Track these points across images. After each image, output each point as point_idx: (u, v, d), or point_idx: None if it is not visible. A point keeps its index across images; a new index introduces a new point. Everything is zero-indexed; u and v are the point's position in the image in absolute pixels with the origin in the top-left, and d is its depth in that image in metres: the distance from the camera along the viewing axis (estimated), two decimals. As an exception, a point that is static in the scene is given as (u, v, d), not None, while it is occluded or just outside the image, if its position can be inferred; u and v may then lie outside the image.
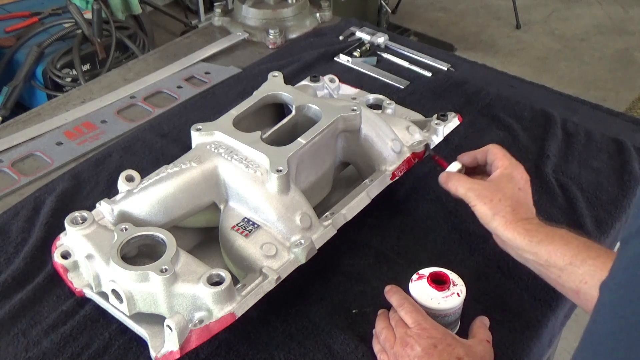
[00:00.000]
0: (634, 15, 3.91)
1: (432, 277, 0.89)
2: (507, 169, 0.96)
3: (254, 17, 1.67)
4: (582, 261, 0.84)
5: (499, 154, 0.99)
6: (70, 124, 1.34)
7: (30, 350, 0.89)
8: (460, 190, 0.96)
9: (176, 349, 0.81)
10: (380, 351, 0.87)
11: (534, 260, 0.90)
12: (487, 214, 0.92)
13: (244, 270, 0.91)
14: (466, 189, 0.96)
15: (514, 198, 0.93)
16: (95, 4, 2.38)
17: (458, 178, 0.98)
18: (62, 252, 0.94)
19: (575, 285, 0.85)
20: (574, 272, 0.85)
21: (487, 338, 0.87)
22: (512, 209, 0.91)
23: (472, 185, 0.96)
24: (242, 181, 0.95)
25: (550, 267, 0.88)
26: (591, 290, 0.83)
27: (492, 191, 0.94)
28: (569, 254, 0.86)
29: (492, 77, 1.50)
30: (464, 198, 0.96)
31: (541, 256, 0.88)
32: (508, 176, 0.96)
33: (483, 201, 0.93)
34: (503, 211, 0.91)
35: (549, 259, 0.87)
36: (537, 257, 0.89)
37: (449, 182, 0.99)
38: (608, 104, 1.47)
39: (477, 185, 0.96)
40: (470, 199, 0.94)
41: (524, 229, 0.90)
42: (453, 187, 0.98)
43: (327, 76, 1.31)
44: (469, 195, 0.95)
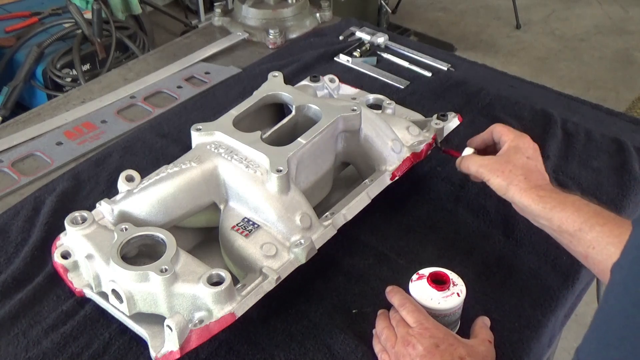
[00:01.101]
0: (634, 15, 3.91)
1: (432, 277, 0.89)
2: (513, 141, 1.01)
3: (254, 17, 1.67)
4: (591, 227, 0.88)
5: (503, 130, 1.04)
6: (70, 124, 1.34)
7: (30, 350, 0.89)
8: (472, 168, 1.02)
9: (176, 349, 0.81)
10: (381, 351, 0.87)
11: (548, 225, 0.93)
12: (502, 184, 0.97)
13: (244, 270, 0.91)
14: (478, 166, 1.01)
15: (525, 167, 0.98)
16: (95, 4, 2.38)
17: (470, 158, 1.04)
18: (62, 252, 0.94)
19: (584, 250, 0.89)
20: (583, 238, 0.89)
21: (489, 338, 0.87)
22: (525, 177, 0.96)
23: (483, 162, 1.01)
24: (242, 181, 0.95)
25: (562, 232, 0.91)
26: (598, 255, 0.87)
27: (502, 163, 0.99)
28: (579, 220, 0.89)
29: (492, 77, 1.50)
30: (478, 175, 1.01)
31: (554, 222, 0.92)
32: (515, 148, 1.00)
33: (496, 174, 0.98)
34: (516, 180, 0.96)
35: (561, 225, 0.91)
36: (550, 223, 0.93)
37: (462, 163, 1.04)
38: (608, 104, 1.47)
39: (487, 160, 1.01)
40: (484, 174, 0.99)
41: (538, 195, 0.94)
42: (466, 166, 1.03)
43: (327, 76, 1.30)
44: (481, 171, 1.00)
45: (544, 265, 1.02)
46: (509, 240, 1.06)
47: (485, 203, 1.12)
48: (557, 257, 1.03)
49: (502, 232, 1.07)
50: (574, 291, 1.01)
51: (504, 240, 1.06)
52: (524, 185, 0.95)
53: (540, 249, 1.04)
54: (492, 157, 1.02)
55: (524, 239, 1.06)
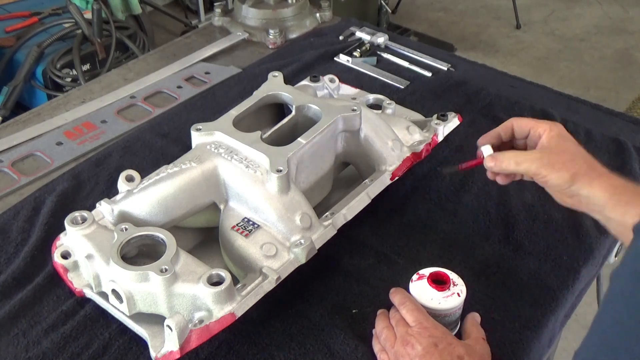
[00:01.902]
0: (634, 15, 3.91)
1: (432, 277, 0.89)
2: (552, 130, 0.88)
3: (254, 17, 1.67)
4: None
5: (530, 122, 0.90)
6: (70, 124, 1.34)
7: (30, 350, 0.89)
8: (524, 166, 0.86)
9: (176, 349, 0.81)
10: (380, 351, 0.87)
11: (618, 220, 0.82)
12: (565, 178, 0.83)
13: (244, 270, 0.91)
14: (530, 162, 0.85)
15: (582, 154, 0.86)
16: (95, 4, 2.38)
17: (512, 155, 0.88)
18: (62, 252, 0.94)
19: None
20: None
21: (482, 336, 0.87)
22: (588, 165, 0.84)
23: (531, 156, 0.86)
24: (242, 181, 0.95)
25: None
26: None
27: (557, 154, 0.85)
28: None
29: (492, 77, 1.50)
30: (530, 172, 0.86)
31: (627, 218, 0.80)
32: (559, 136, 0.87)
33: (555, 167, 0.84)
34: (581, 169, 0.84)
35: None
36: (622, 218, 0.81)
37: (499, 161, 0.88)
38: (608, 104, 1.47)
39: (538, 154, 0.86)
40: (540, 170, 0.85)
41: (610, 184, 0.82)
42: (509, 165, 0.87)
43: (327, 76, 1.30)
44: (535, 168, 0.85)
45: (544, 265, 1.02)
46: (509, 240, 1.06)
47: (486, 203, 1.12)
48: (557, 257, 1.03)
49: (502, 232, 1.07)
50: (574, 291, 1.01)
51: (504, 240, 1.06)
52: (591, 173, 0.83)
53: (540, 249, 1.04)
54: (538, 150, 0.87)
55: (523, 239, 1.06)
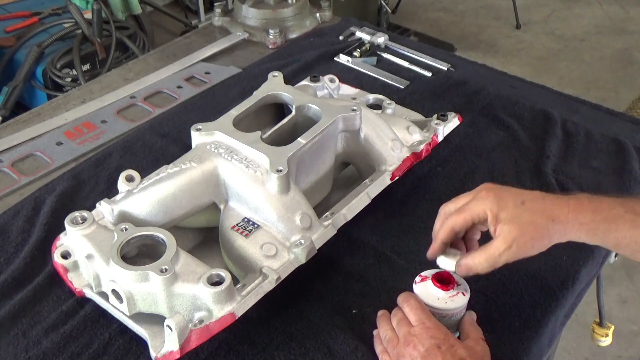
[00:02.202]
0: (634, 15, 3.91)
1: (436, 277, 0.89)
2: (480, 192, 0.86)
3: (254, 17, 1.67)
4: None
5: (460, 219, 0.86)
6: (70, 124, 1.34)
7: (30, 350, 0.89)
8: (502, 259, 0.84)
9: (176, 349, 0.81)
10: (382, 352, 0.87)
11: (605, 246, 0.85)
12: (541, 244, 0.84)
13: (244, 270, 0.91)
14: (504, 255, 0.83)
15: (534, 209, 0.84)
16: (95, 4, 2.38)
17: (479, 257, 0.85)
18: (62, 252, 0.94)
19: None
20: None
21: (481, 335, 0.87)
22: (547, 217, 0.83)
23: (500, 249, 0.83)
24: (242, 181, 0.95)
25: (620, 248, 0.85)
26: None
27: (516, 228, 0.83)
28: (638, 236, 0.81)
29: (492, 77, 1.50)
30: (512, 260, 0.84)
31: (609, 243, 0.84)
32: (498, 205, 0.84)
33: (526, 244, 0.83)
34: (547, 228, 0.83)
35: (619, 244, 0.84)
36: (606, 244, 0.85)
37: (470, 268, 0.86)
38: (608, 104, 1.47)
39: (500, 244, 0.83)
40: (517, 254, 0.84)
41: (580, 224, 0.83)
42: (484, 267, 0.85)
43: (327, 76, 1.30)
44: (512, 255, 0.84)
45: (544, 265, 1.02)
46: (509, 240, 1.06)
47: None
48: (557, 257, 1.03)
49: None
50: (574, 291, 1.01)
51: (504, 240, 1.06)
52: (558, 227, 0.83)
53: (540, 249, 1.04)
54: (494, 241, 0.84)
55: (524, 239, 1.06)
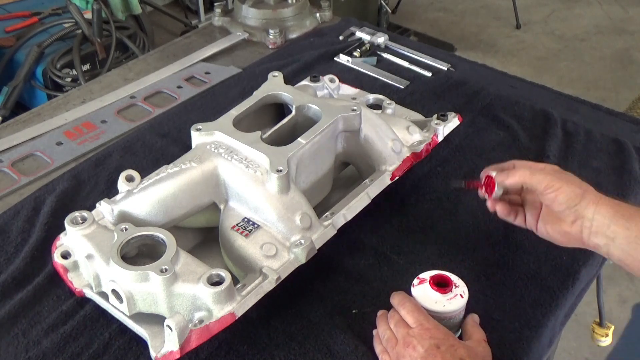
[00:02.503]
0: (634, 15, 3.91)
1: (434, 280, 0.89)
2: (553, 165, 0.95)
3: (254, 17, 1.67)
4: None
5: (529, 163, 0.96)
6: (70, 124, 1.34)
7: (30, 350, 0.89)
8: (536, 177, 0.91)
9: (176, 349, 0.81)
10: (382, 351, 0.87)
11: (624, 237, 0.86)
12: (577, 192, 0.89)
13: (244, 270, 0.91)
14: (544, 174, 0.91)
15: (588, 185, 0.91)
16: (95, 4, 2.38)
17: (523, 167, 0.94)
18: (62, 252, 0.94)
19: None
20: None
21: (483, 337, 0.87)
22: (594, 190, 0.90)
23: (547, 171, 0.92)
24: (242, 181, 0.95)
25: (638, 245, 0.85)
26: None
27: (567, 175, 0.92)
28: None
29: (492, 77, 1.50)
30: (544, 184, 0.90)
31: (632, 232, 0.86)
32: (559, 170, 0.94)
33: (568, 182, 0.90)
34: (589, 190, 0.90)
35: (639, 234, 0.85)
36: (627, 233, 0.86)
37: (516, 176, 0.93)
38: (608, 104, 1.47)
39: (549, 170, 0.92)
40: (554, 182, 0.90)
41: (615, 203, 0.88)
42: (523, 175, 0.92)
43: (327, 76, 1.30)
44: (549, 179, 0.90)
45: (544, 265, 1.02)
46: (509, 240, 1.06)
47: (485, 203, 1.12)
48: (557, 257, 1.03)
49: (502, 232, 1.07)
50: (574, 291, 1.01)
51: (504, 240, 1.06)
52: (598, 194, 0.89)
53: (540, 249, 1.04)
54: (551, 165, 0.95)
55: (524, 239, 1.06)
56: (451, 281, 0.89)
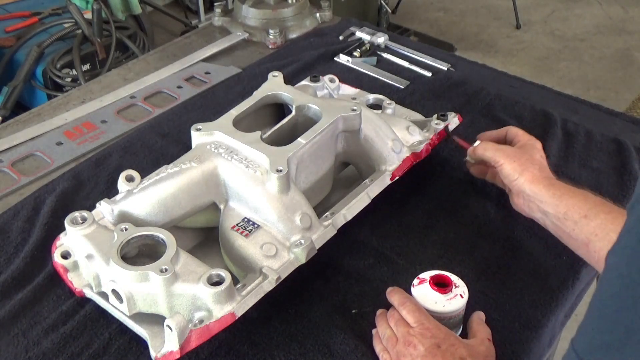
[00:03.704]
0: (634, 15, 3.91)
1: (434, 280, 0.89)
2: (530, 140, 1.06)
3: (254, 17, 1.67)
4: (596, 215, 0.91)
5: (519, 131, 1.08)
6: (70, 124, 1.34)
7: (30, 350, 0.89)
8: (488, 153, 1.04)
9: (176, 349, 0.81)
10: (382, 350, 0.87)
11: (553, 213, 0.96)
12: (516, 169, 0.99)
13: (244, 270, 0.91)
14: (495, 150, 1.03)
15: (540, 162, 1.02)
16: (95, 4, 2.38)
17: (486, 144, 1.06)
18: (62, 252, 0.94)
19: (586, 237, 0.91)
20: (587, 225, 0.92)
21: (488, 336, 0.87)
22: (539, 168, 1.00)
23: (501, 147, 1.04)
24: (242, 181, 0.95)
25: (566, 220, 0.94)
26: (600, 242, 0.89)
27: (520, 153, 1.02)
28: (585, 207, 0.93)
29: (492, 77, 1.50)
30: (492, 159, 1.03)
31: (560, 209, 0.95)
32: (532, 146, 1.04)
33: (512, 159, 1.01)
34: (531, 168, 0.99)
35: (567, 212, 0.94)
36: (556, 210, 0.95)
37: (478, 148, 1.06)
38: (608, 104, 1.47)
39: (505, 147, 1.04)
40: (498, 158, 1.01)
41: (549, 183, 0.98)
42: (481, 151, 1.05)
43: (327, 76, 1.30)
44: (497, 155, 1.02)
45: (544, 266, 1.02)
46: (509, 240, 1.06)
47: (485, 203, 1.12)
48: (557, 257, 1.03)
49: (502, 232, 1.07)
50: (574, 291, 1.01)
51: (504, 240, 1.06)
52: (537, 173, 0.98)
53: (540, 249, 1.04)
54: (509, 146, 1.05)
55: (523, 239, 1.06)
56: (451, 281, 0.89)
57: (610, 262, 0.60)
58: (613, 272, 0.59)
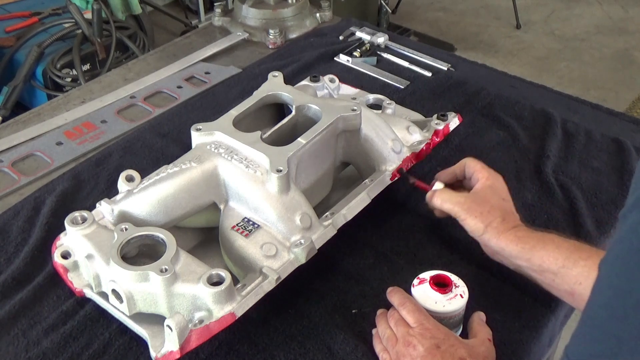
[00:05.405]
0: (634, 15, 3.91)
1: (434, 280, 0.89)
2: (488, 179, 0.98)
3: (254, 17, 1.67)
4: (575, 263, 0.86)
5: (476, 166, 1.00)
6: (70, 124, 1.34)
7: (30, 350, 0.89)
8: (446, 206, 0.97)
9: (176, 349, 0.81)
10: (382, 350, 0.87)
11: (527, 266, 0.91)
12: (479, 226, 0.93)
13: (244, 270, 0.91)
14: (453, 204, 0.96)
15: (501, 208, 0.95)
16: (95, 4, 2.39)
17: (443, 192, 0.99)
18: (62, 252, 0.94)
19: (569, 287, 0.87)
20: (567, 274, 0.86)
21: (488, 336, 0.87)
22: (502, 218, 0.93)
23: (459, 199, 0.96)
24: (242, 181, 0.95)
25: (544, 272, 0.89)
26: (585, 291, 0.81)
27: (479, 203, 0.95)
28: (561, 257, 0.87)
29: (492, 77, 1.50)
30: (452, 213, 0.97)
31: (534, 262, 0.89)
32: (491, 187, 0.97)
33: (473, 214, 0.94)
34: (494, 222, 0.93)
35: (542, 264, 0.88)
36: (530, 263, 0.90)
37: (434, 198, 0.99)
38: (608, 104, 1.47)
39: (463, 198, 0.96)
40: (459, 213, 0.95)
41: (516, 236, 0.91)
42: (438, 202, 0.98)
43: (327, 76, 1.30)
44: (456, 210, 0.96)
45: (544, 265, 1.02)
46: (509, 240, 1.06)
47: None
48: (557, 257, 1.03)
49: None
50: (574, 291, 1.01)
51: (504, 240, 1.06)
52: (501, 227, 0.92)
53: (540, 249, 1.04)
54: (467, 194, 0.98)
55: (524, 239, 1.06)
56: (451, 281, 0.89)
57: (602, 272, 0.59)
58: (604, 281, 0.59)
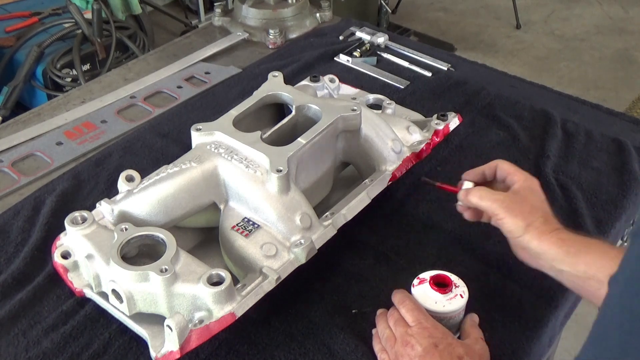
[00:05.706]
0: (634, 15, 3.90)
1: (434, 280, 0.89)
2: (526, 181, 0.93)
3: (254, 17, 1.67)
4: None
5: (510, 168, 0.95)
6: (70, 124, 1.34)
7: (30, 350, 0.89)
8: (484, 203, 0.92)
9: (176, 349, 0.81)
10: (381, 350, 0.87)
11: (571, 272, 0.86)
12: (519, 225, 0.88)
13: (244, 270, 0.91)
14: (492, 201, 0.91)
15: (544, 210, 0.90)
16: (95, 4, 2.38)
17: (480, 190, 0.94)
18: (62, 252, 0.94)
19: None
20: None
21: (481, 336, 0.87)
22: (544, 219, 0.88)
23: (499, 197, 0.91)
24: (242, 181, 0.95)
25: (588, 279, 0.84)
26: None
27: (519, 202, 0.90)
28: (607, 264, 0.81)
29: (492, 77, 1.50)
30: (490, 211, 0.91)
31: (579, 267, 0.85)
32: (529, 188, 0.92)
33: (513, 213, 0.89)
34: (536, 222, 0.88)
35: (588, 270, 0.83)
36: (574, 269, 0.85)
37: (470, 195, 0.94)
38: (608, 104, 1.47)
39: (502, 196, 0.91)
40: (498, 211, 0.90)
41: (559, 238, 0.86)
42: (475, 199, 0.93)
43: (327, 76, 1.30)
44: (495, 207, 0.90)
45: (544, 265, 1.02)
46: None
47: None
48: (557, 257, 1.03)
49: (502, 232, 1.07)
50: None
51: (504, 241, 1.06)
52: (543, 227, 0.87)
53: (540, 249, 1.04)
54: (506, 193, 0.92)
55: (524, 239, 1.06)
56: (451, 281, 0.89)
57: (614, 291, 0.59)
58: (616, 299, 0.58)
